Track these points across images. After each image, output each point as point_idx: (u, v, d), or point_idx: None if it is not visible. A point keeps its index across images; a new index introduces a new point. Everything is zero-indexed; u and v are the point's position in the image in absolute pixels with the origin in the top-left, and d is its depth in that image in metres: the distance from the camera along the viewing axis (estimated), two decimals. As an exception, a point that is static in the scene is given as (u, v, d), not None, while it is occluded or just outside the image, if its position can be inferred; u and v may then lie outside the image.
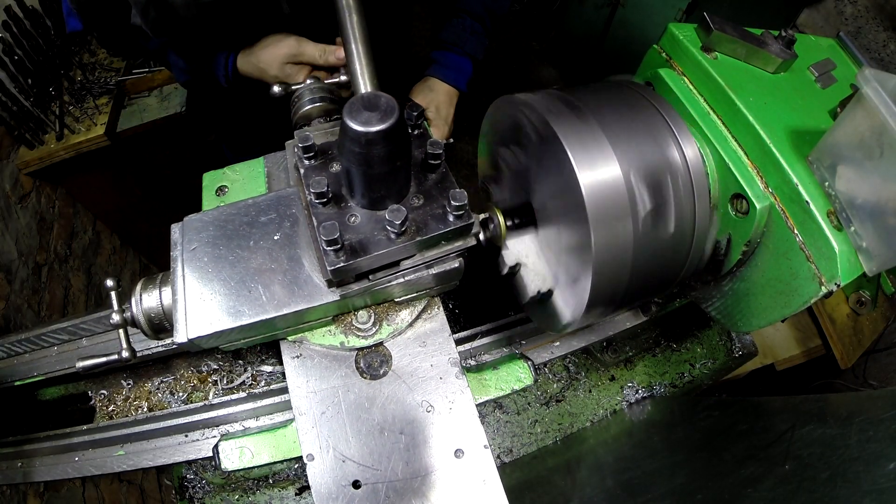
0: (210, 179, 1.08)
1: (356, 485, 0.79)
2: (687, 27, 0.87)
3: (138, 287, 0.87)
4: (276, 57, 1.21)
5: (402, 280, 0.85)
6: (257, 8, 1.19)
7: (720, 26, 0.82)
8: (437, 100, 1.47)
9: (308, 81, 1.15)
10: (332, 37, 1.19)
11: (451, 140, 1.47)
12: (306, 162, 0.86)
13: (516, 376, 0.99)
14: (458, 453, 0.81)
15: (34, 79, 2.45)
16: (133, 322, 0.87)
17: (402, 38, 1.76)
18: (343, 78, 1.17)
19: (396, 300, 0.91)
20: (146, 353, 1.28)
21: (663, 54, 0.89)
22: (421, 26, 1.80)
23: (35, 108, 2.45)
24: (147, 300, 0.86)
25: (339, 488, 0.79)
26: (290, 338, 0.90)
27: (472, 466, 0.81)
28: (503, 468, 1.34)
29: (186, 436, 1.26)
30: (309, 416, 0.84)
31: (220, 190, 1.06)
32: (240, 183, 1.07)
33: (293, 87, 1.15)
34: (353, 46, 0.98)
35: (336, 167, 0.85)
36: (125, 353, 0.86)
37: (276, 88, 1.16)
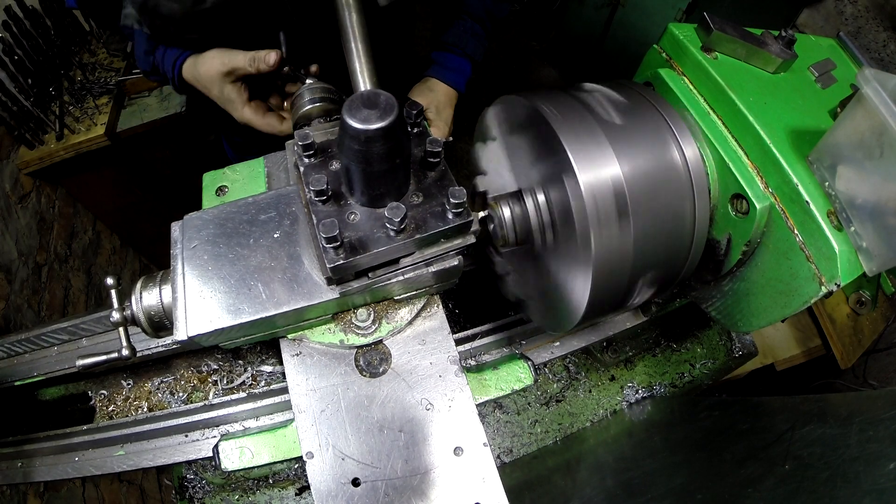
0: (210, 179, 1.08)
1: (356, 483, 0.79)
2: (687, 27, 0.87)
3: (138, 285, 0.87)
4: (213, 75, 1.16)
5: (401, 278, 0.85)
6: (257, 12, 1.19)
7: (720, 26, 0.82)
8: (436, 100, 1.47)
9: (308, 81, 1.15)
10: (333, 36, 1.19)
11: (451, 138, 1.47)
12: (306, 160, 0.86)
13: (516, 376, 0.99)
14: (458, 451, 0.81)
15: (34, 79, 2.45)
16: (133, 320, 0.87)
17: (405, 38, 1.76)
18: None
19: (396, 298, 0.91)
20: (146, 353, 1.28)
21: (663, 54, 0.89)
22: (421, 26, 1.80)
23: (35, 108, 2.45)
24: (147, 298, 0.86)
25: (338, 486, 0.79)
26: (289, 336, 0.90)
27: (472, 464, 0.81)
28: (503, 468, 1.34)
29: (186, 436, 1.26)
30: (308, 413, 0.84)
31: (221, 190, 1.06)
32: (240, 183, 1.07)
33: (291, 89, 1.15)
34: (353, 45, 0.98)
35: (336, 165, 0.85)
36: (125, 352, 0.86)
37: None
